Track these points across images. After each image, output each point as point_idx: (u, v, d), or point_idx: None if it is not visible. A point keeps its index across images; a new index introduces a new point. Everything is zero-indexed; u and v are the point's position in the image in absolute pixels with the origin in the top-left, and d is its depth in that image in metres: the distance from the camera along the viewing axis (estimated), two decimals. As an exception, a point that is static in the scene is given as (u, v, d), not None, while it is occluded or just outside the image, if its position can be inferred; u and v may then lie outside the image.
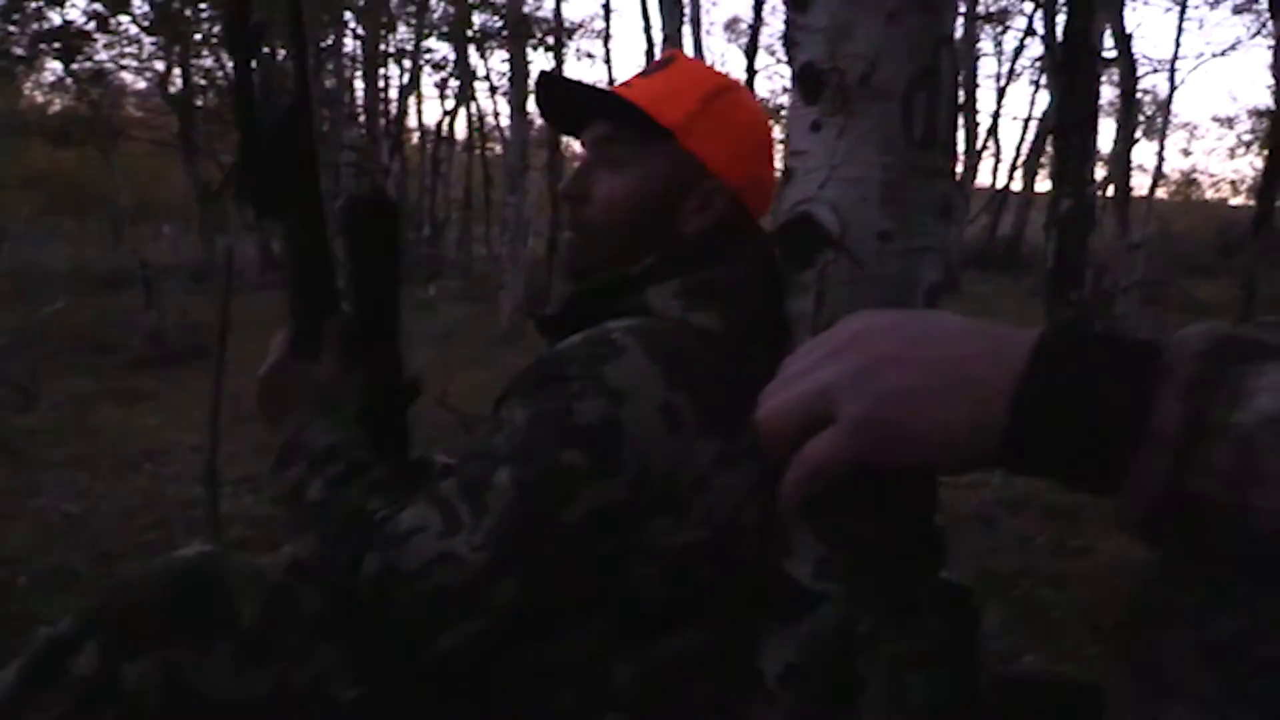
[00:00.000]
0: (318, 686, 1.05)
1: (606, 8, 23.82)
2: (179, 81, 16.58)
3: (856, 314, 0.68)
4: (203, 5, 12.35)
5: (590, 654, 1.08)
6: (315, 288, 1.22)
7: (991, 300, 13.03)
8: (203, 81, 15.55)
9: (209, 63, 15.06)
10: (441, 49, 17.00)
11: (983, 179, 22.84)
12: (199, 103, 16.32)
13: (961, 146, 16.12)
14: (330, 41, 14.04)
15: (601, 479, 1.00)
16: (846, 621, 0.72)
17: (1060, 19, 7.92)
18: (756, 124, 1.27)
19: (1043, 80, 16.77)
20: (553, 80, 1.29)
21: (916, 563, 0.67)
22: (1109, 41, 7.65)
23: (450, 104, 21.43)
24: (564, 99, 1.29)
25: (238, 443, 3.80)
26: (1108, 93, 12.18)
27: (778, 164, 1.28)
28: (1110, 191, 9.49)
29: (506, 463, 1.01)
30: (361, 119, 12.86)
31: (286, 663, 1.05)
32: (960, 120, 17.36)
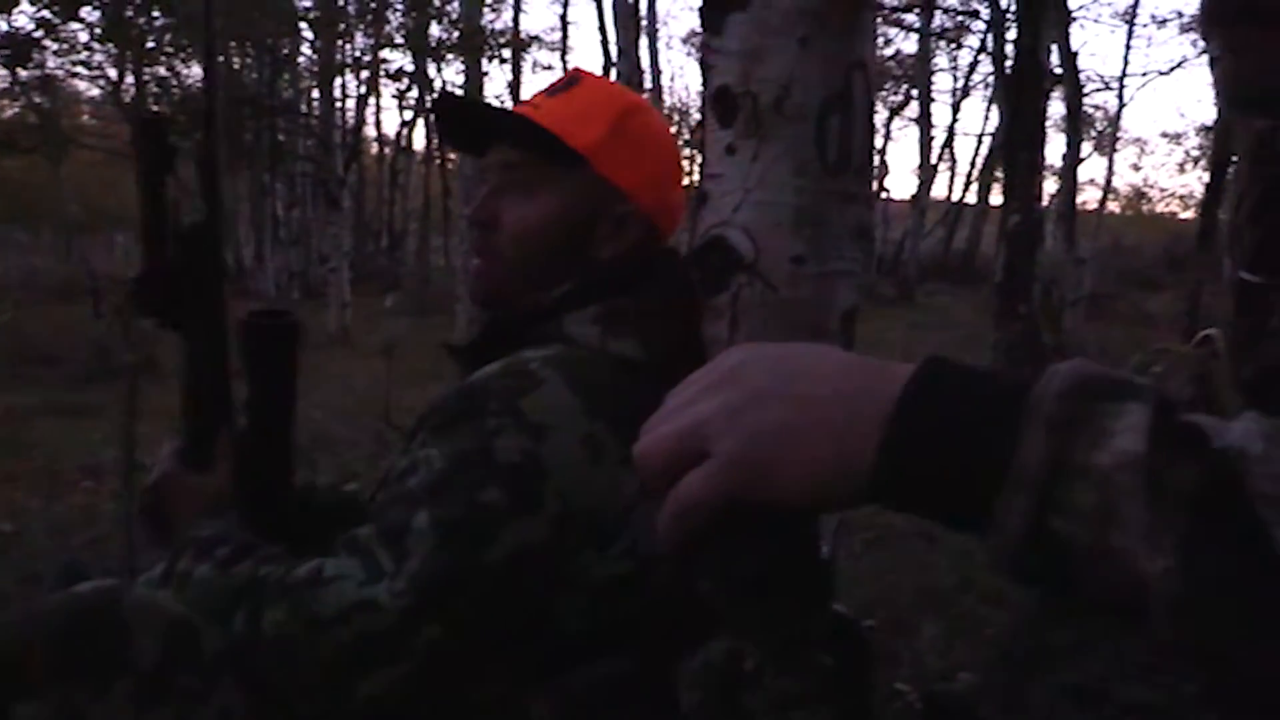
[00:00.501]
0: None
1: (564, 20, 23.90)
2: (133, 89, 16.42)
3: (739, 346, 0.67)
4: (155, 14, 12.22)
5: (511, 688, 1.06)
6: (211, 399, 1.21)
7: (946, 311, 13.18)
8: (156, 90, 15.37)
9: (163, 71, 14.89)
10: (399, 59, 16.95)
11: (939, 191, 23.22)
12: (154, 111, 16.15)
13: (917, 161, 16.31)
14: (286, 51, 13.96)
15: (523, 517, 0.99)
16: (734, 656, 0.71)
17: (1011, 36, 8.06)
18: (666, 145, 1.26)
19: (995, 97, 17.01)
20: (454, 102, 1.27)
21: (801, 598, 0.66)
22: (1057, 59, 7.81)
23: (409, 114, 21.33)
24: (467, 121, 1.26)
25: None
26: (1058, 109, 12.38)
27: (693, 183, 1.27)
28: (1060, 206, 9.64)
29: (425, 505, 0.99)
30: (316, 129, 12.77)
31: (187, 703, 1.00)
32: (917, 135, 17.64)
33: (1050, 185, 9.05)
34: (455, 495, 0.98)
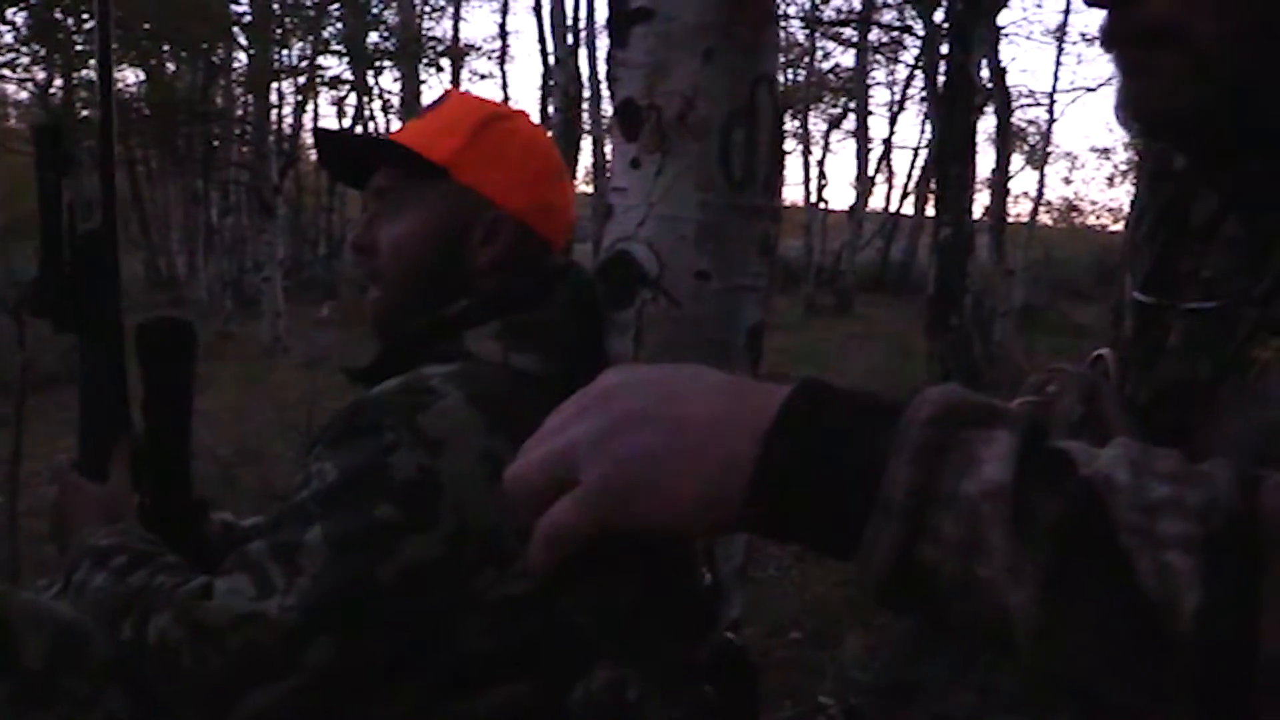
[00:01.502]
0: None
1: (503, 29, 23.89)
2: (61, 92, 16.08)
3: (615, 368, 0.65)
4: (85, 14, 11.99)
5: (412, 710, 1.05)
6: (107, 407, 1.23)
7: (883, 322, 13.38)
8: (85, 95, 15.07)
9: (92, 74, 14.61)
10: (337, 66, 16.82)
11: (877, 203, 23.53)
12: (83, 114, 15.82)
13: (854, 172, 16.54)
14: (221, 57, 13.75)
15: (418, 533, 0.99)
16: (616, 686, 0.69)
17: (943, 51, 8.19)
18: (534, 149, 1.25)
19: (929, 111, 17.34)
20: (327, 136, 1.28)
21: (682, 627, 0.64)
22: (988, 74, 7.95)
23: (347, 121, 21.13)
24: (345, 153, 1.28)
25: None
26: (991, 124, 12.67)
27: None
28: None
29: (318, 519, 0.98)
30: (251, 136, 12.62)
31: (70, 708, 1.00)
32: (854, 147, 17.87)
33: (984, 198, 9.25)
34: (349, 510, 0.98)
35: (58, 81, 15.66)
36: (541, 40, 14.62)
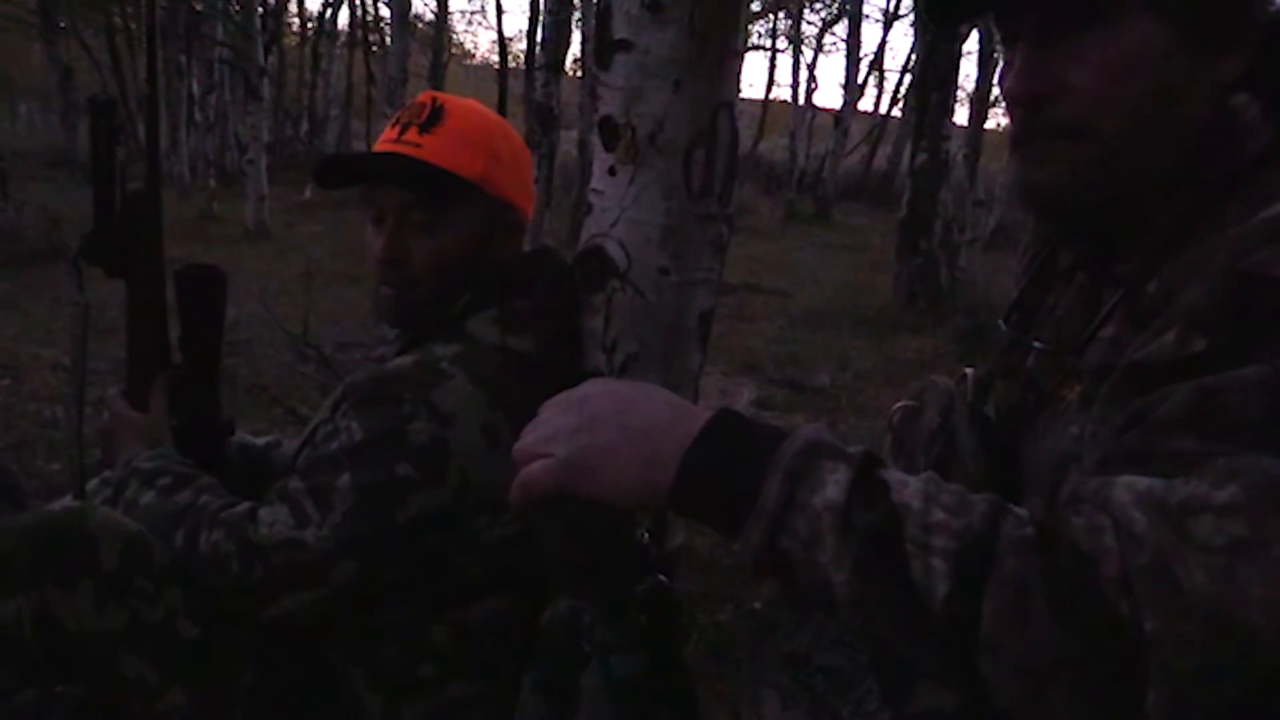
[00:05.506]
0: (166, 623, 1.21)
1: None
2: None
3: (593, 380, 0.87)
4: None
5: (412, 617, 1.28)
6: (150, 343, 1.41)
7: (860, 233, 13.42)
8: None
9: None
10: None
11: (866, 105, 23.13)
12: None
13: (842, 79, 16.33)
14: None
15: (430, 488, 1.19)
16: (576, 612, 0.94)
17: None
18: (522, 150, 1.39)
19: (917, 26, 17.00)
20: (340, 160, 1.37)
21: (624, 573, 0.88)
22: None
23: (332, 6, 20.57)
24: (348, 169, 1.36)
25: (94, 359, 3.74)
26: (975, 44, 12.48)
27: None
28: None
29: (347, 468, 1.19)
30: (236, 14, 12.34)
31: (140, 601, 1.21)
32: (843, 55, 17.52)
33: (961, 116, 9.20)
34: (374, 464, 1.19)
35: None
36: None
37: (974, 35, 7.81)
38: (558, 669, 1.03)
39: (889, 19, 21.32)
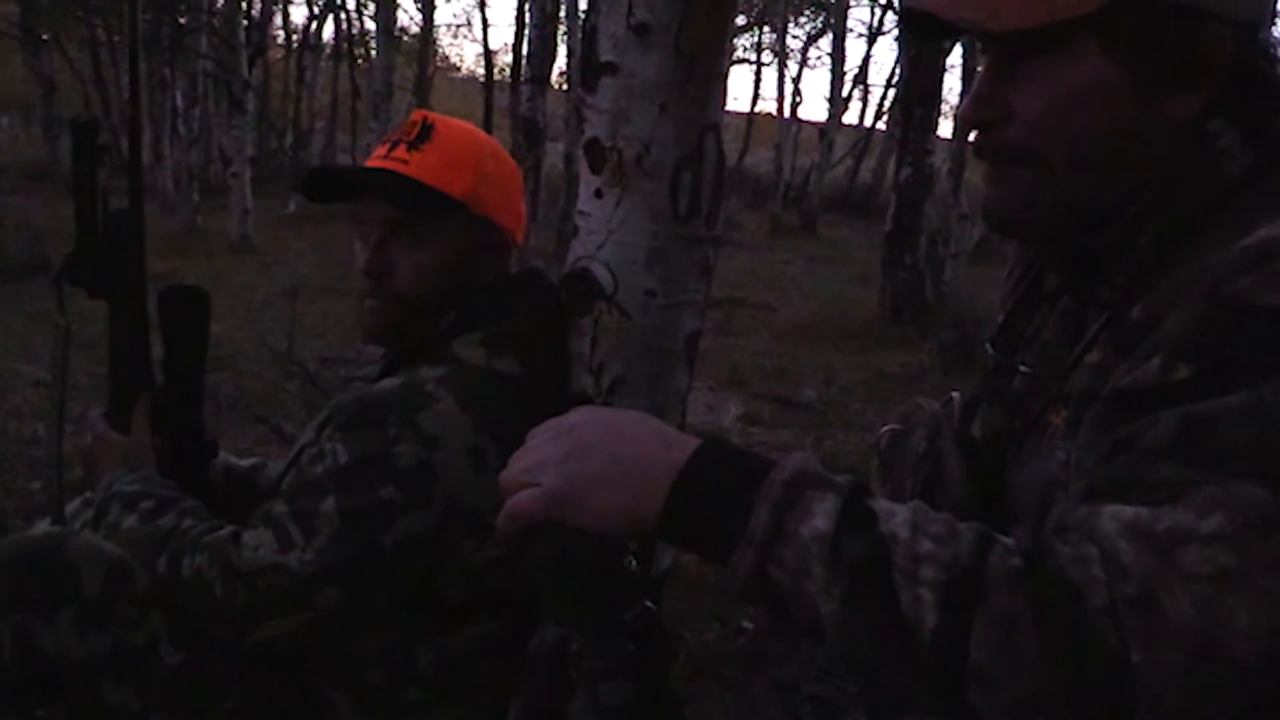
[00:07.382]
0: (148, 649, 1.21)
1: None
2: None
3: (580, 409, 0.87)
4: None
5: (398, 642, 1.27)
6: (131, 364, 1.40)
7: (845, 246, 13.47)
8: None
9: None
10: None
11: (851, 118, 23.26)
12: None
13: (827, 93, 16.41)
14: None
15: (415, 511, 1.19)
16: (563, 639, 0.93)
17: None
18: (511, 171, 1.38)
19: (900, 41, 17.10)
20: (327, 173, 1.38)
21: (613, 600, 0.88)
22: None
23: (318, 8, 20.53)
24: (335, 183, 1.36)
25: (76, 374, 3.70)
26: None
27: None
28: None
29: (332, 492, 1.18)
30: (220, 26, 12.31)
31: (122, 628, 1.20)
32: (828, 69, 17.64)
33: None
34: (359, 488, 1.18)
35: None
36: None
37: (957, 50, 7.88)
38: (544, 696, 1.02)
39: (873, 34, 21.46)
